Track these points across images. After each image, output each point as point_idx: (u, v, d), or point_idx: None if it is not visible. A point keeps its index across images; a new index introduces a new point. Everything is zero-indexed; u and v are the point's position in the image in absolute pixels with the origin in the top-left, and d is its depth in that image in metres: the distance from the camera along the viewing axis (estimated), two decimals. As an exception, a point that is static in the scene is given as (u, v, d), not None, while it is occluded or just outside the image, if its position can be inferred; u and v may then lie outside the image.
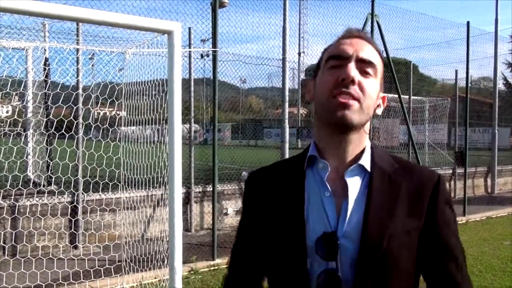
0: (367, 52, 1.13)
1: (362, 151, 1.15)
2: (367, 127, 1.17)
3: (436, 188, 1.14)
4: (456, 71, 12.01)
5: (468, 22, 9.55)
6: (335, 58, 1.12)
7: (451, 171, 12.22)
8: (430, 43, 13.57)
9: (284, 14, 8.24)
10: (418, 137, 13.69)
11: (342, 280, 1.06)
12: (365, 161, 1.14)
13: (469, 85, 10.16)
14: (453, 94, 13.17)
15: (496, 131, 13.67)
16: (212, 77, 6.38)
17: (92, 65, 6.89)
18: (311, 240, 1.09)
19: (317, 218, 1.10)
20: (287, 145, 8.64)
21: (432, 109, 13.84)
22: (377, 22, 7.75)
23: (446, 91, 16.52)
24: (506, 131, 16.96)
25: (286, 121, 8.66)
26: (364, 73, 1.11)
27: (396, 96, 8.51)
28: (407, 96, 12.16)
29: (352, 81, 1.08)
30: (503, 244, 7.28)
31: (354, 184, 1.12)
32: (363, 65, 1.11)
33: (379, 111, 1.19)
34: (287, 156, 8.70)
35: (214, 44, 6.25)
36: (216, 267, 6.01)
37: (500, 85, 22.98)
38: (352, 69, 1.09)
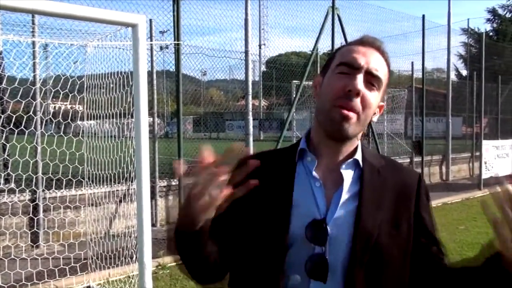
0: (377, 65, 1.17)
1: (355, 148, 1.23)
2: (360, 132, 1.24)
3: (419, 185, 1.25)
4: (412, 62, 12.42)
5: (423, 16, 9.93)
6: (346, 65, 1.16)
7: (408, 160, 12.66)
8: (388, 35, 13.91)
9: (246, 7, 8.25)
10: (377, 128, 14.07)
11: (329, 264, 1.11)
12: (359, 157, 1.22)
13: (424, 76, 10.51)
14: (409, 85, 13.61)
15: (450, 121, 14.23)
16: (175, 69, 6.33)
17: (46, 58, 6.65)
18: (300, 226, 1.13)
19: (307, 207, 1.16)
20: (251, 138, 8.69)
21: (390, 100, 14.25)
22: (338, 15, 7.89)
23: (402, 82, 17.02)
24: (459, 120, 17.67)
25: (250, 113, 8.71)
26: (369, 85, 1.17)
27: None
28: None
29: (357, 94, 1.13)
30: (458, 229, 7.65)
31: (348, 176, 1.19)
32: (370, 78, 1.16)
33: (375, 118, 1.26)
34: (251, 148, 8.75)
35: (177, 37, 6.19)
36: (184, 261, 6.00)
37: (453, 76, 23.91)
38: (359, 82, 1.14)
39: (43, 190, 6.15)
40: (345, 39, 8.09)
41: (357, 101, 1.14)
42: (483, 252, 1.09)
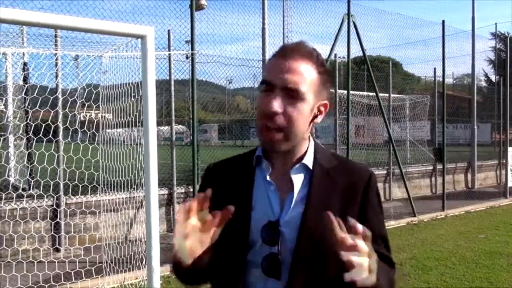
0: (294, 78, 1.18)
1: (306, 151, 1.30)
2: (307, 133, 1.28)
3: (368, 183, 1.29)
4: (435, 68, 12.24)
5: (443, 21, 9.74)
6: (265, 83, 1.21)
7: (431, 167, 12.43)
8: (411, 41, 13.79)
9: (263, 18, 8.37)
10: (400, 134, 13.89)
11: (282, 262, 1.21)
12: (308, 160, 1.29)
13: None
14: (433, 92, 13.38)
15: (476, 127, 13.89)
16: (193, 78, 6.46)
17: (77, 67, 6.91)
18: (257, 227, 1.23)
19: (263, 209, 1.25)
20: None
21: (412, 107, 14.04)
22: (353, 22, 7.89)
23: (430, 88, 16.76)
24: (487, 126, 17.24)
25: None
26: (290, 100, 1.19)
27: (380, 94, 8.69)
28: (388, 94, 12.34)
29: (275, 113, 1.18)
30: (478, 238, 7.47)
31: (298, 180, 1.27)
32: (289, 92, 1.18)
33: (319, 119, 1.30)
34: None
35: (192, 47, 6.33)
36: (197, 266, 6.08)
37: (482, 81, 23.34)
38: (275, 103, 1.17)
39: (62, 196, 6.36)
40: (361, 46, 8.08)
41: (279, 118, 1.19)
42: None
